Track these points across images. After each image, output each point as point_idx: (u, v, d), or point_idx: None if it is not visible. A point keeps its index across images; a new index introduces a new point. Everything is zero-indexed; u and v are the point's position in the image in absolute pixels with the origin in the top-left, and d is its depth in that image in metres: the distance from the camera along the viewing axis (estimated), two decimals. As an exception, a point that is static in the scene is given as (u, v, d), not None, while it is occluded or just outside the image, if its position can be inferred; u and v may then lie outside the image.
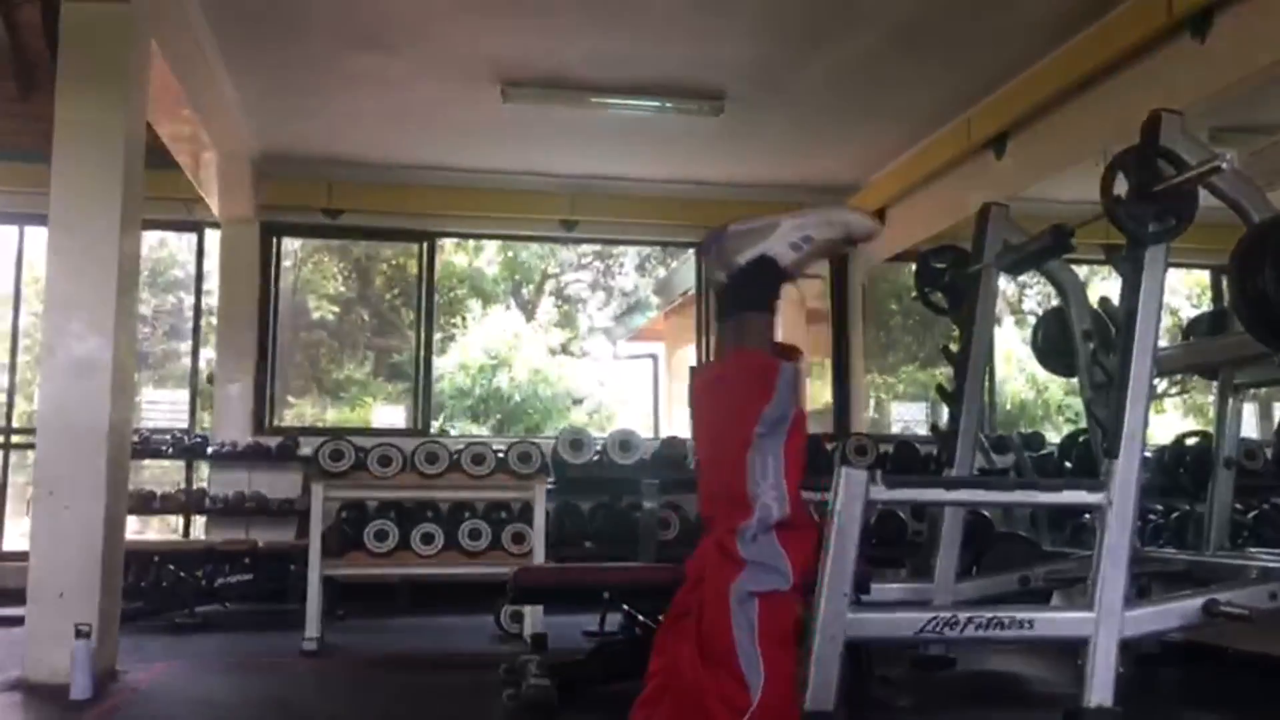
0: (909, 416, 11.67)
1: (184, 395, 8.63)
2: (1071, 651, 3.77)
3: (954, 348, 5.30)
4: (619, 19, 5.78)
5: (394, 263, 11.47)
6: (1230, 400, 5.31)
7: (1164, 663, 4.79)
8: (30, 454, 4.55)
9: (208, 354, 8.79)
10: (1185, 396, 12.85)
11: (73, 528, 4.24)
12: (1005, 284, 9.30)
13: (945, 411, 5.39)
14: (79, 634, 3.87)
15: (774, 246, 2.13)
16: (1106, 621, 3.55)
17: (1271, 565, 4.11)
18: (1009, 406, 11.83)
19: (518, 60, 6.31)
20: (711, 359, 2.44)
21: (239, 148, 7.19)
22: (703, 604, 1.99)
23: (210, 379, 8.30)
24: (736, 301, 2.18)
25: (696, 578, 2.08)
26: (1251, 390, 5.79)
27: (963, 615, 3.59)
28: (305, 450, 7.28)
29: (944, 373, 6.59)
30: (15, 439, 7.90)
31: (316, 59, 6.20)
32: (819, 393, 10.57)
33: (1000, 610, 3.63)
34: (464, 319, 13.30)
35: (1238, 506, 5.81)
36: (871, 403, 9.81)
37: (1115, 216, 3.72)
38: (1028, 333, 8.80)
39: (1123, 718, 3.48)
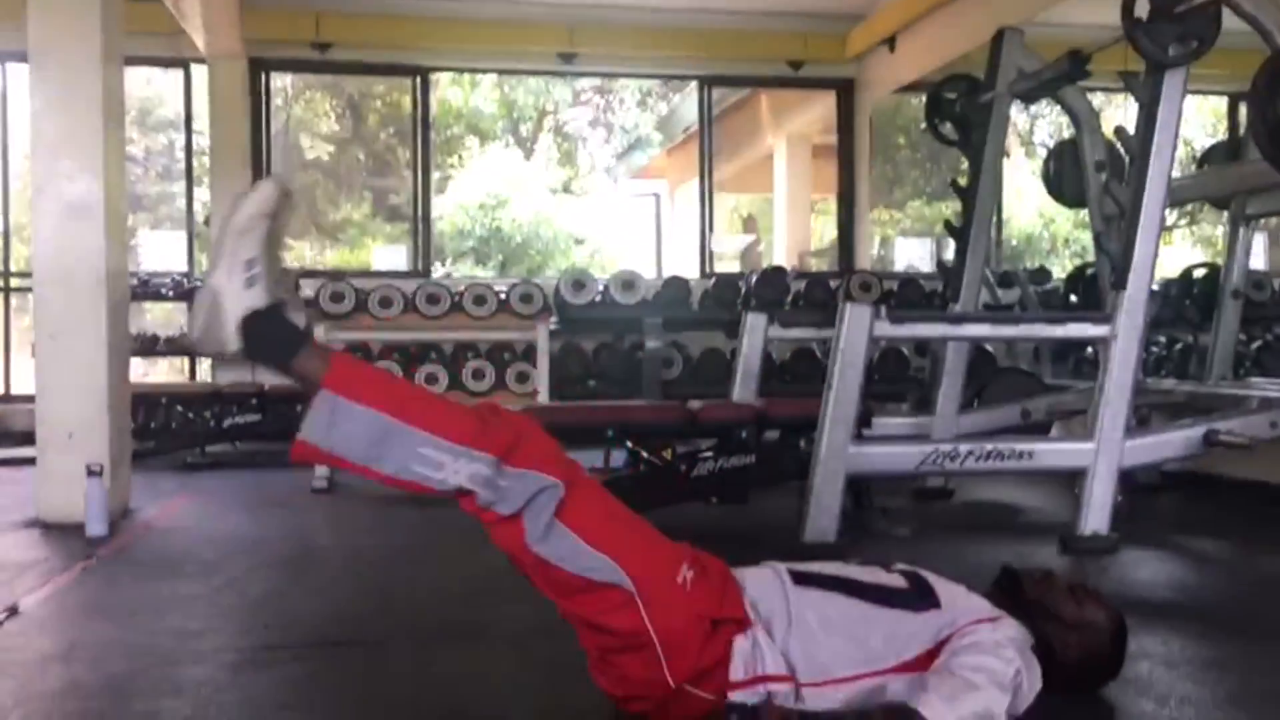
0: (914, 254, 11.59)
1: (181, 237, 8.53)
2: (1070, 482, 3.83)
3: (962, 181, 5.19)
4: None
5: (387, 99, 11.18)
6: (1241, 230, 5.25)
7: (1161, 491, 4.88)
8: (30, 297, 4.51)
9: (202, 195, 8.64)
10: (1194, 228, 12.72)
11: (77, 370, 4.25)
12: (1016, 115, 9.02)
13: (952, 247, 5.32)
14: (91, 473, 3.92)
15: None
16: (1106, 451, 3.59)
17: (1272, 395, 4.13)
18: (1015, 241, 11.71)
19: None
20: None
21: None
22: (526, 572, 1.81)
23: (207, 221, 8.18)
24: None
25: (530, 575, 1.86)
26: (1262, 220, 5.70)
27: (963, 448, 3.64)
28: (306, 292, 7.24)
29: (951, 208, 6.47)
30: (14, 282, 7.88)
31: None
32: (824, 228, 10.46)
33: (1000, 442, 3.67)
34: (461, 158, 13.06)
35: (1242, 337, 5.81)
36: (877, 240, 9.71)
37: (1135, 38, 3.57)
38: (1037, 165, 8.61)
39: (1117, 544, 3.56)
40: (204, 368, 8.02)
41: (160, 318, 8.94)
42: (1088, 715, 2.00)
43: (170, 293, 7.65)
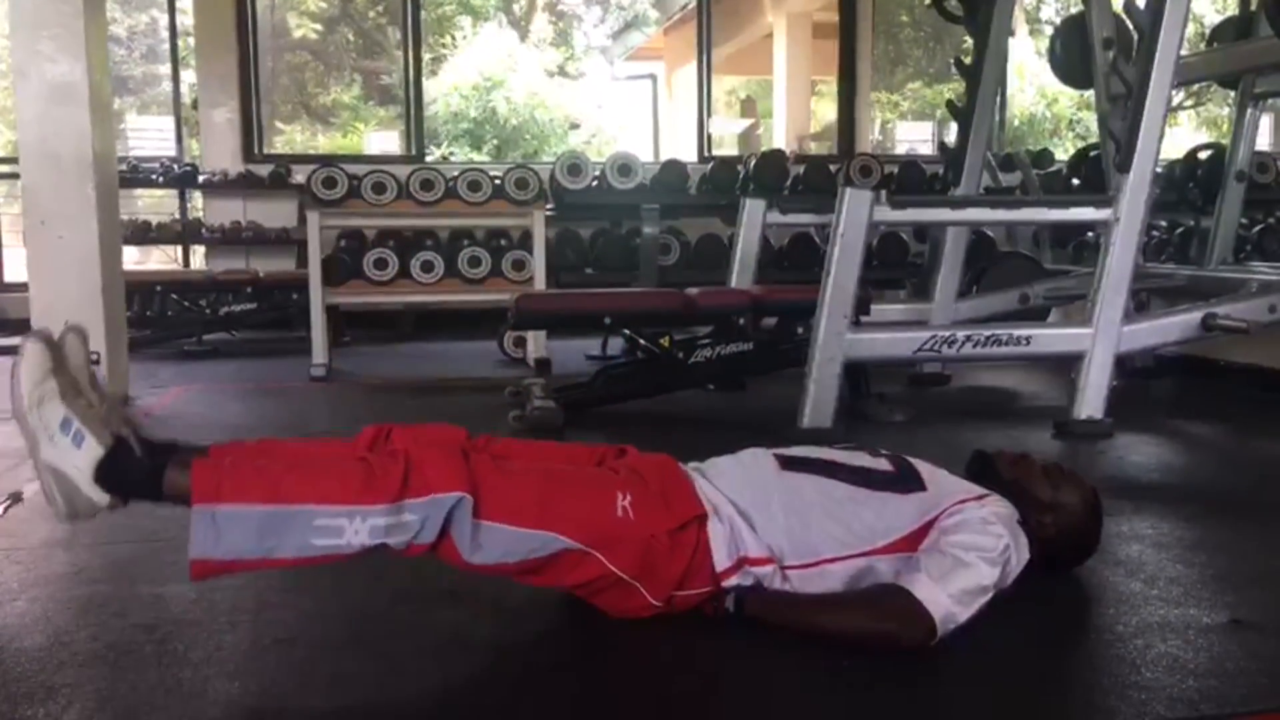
0: (915, 137, 11.42)
1: (169, 122, 8.37)
2: (1067, 367, 3.83)
3: (967, 60, 5.06)
4: None
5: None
6: (1249, 110, 5.15)
7: (1157, 376, 4.90)
8: (19, 184, 4.44)
9: (189, 77, 8.44)
10: (1200, 109, 12.50)
11: (69, 257, 4.22)
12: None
13: (953, 129, 5.22)
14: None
15: None
16: (1103, 336, 3.59)
17: (1272, 279, 4.11)
18: (1018, 122, 11.50)
19: None
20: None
21: None
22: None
23: (195, 104, 8.01)
24: None
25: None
26: (1270, 100, 5.59)
27: (960, 333, 3.63)
28: (298, 178, 7.13)
29: (953, 89, 6.33)
30: (3, 169, 7.75)
31: None
32: (824, 111, 10.26)
33: (998, 328, 3.66)
34: (454, 38, 12.72)
35: (1244, 221, 5.75)
36: (878, 123, 9.54)
37: None
38: (1041, 44, 8.39)
39: (1111, 429, 3.59)
40: (198, 256, 7.96)
41: (151, 204, 8.83)
42: (1076, 594, 2.03)
43: (160, 178, 7.54)
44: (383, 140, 11.40)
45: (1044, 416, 3.82)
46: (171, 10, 8.22)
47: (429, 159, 8.36)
